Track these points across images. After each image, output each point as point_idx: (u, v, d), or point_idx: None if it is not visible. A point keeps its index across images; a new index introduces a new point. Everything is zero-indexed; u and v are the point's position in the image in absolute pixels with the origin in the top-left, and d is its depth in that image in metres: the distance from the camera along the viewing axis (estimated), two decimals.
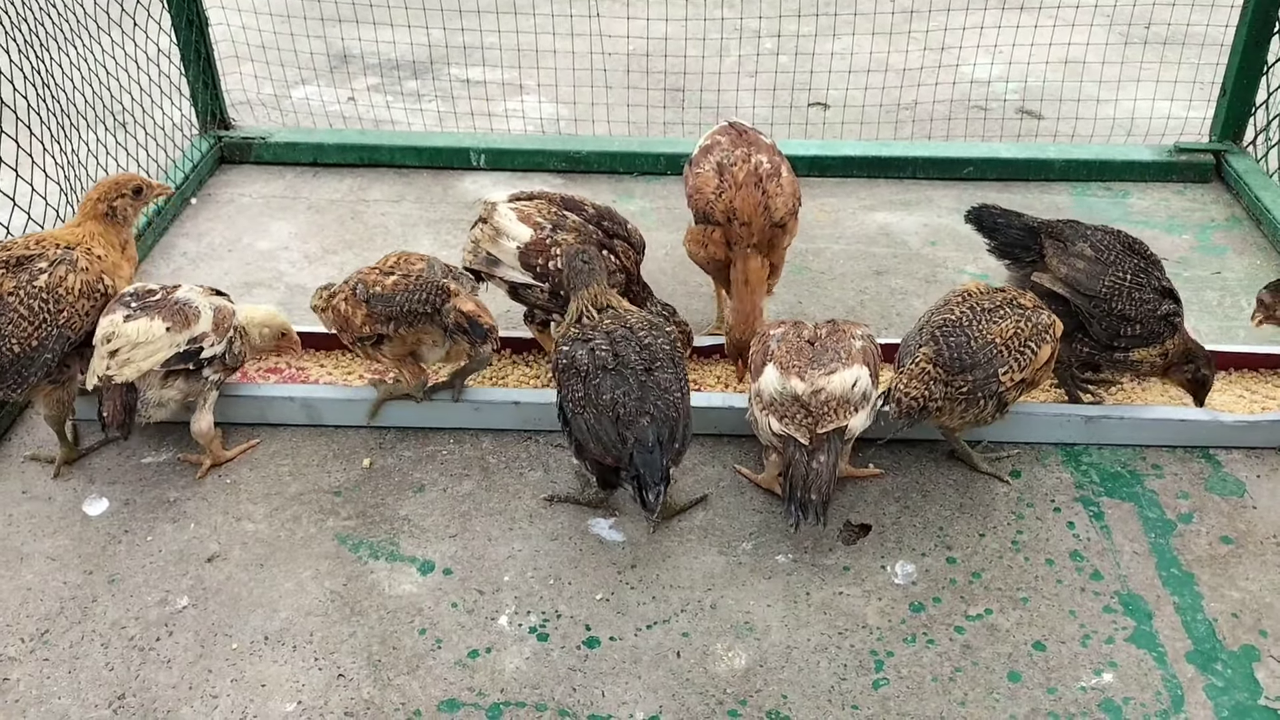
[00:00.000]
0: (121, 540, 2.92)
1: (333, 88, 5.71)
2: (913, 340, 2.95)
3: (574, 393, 2.76)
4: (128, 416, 2.87)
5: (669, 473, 2.72)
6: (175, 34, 4.64)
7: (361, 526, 2.96)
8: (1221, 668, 2.57)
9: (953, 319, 2.90)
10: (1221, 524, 2.95)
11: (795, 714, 2.47)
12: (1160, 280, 3.12)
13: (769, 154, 3.45)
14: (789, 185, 3.40)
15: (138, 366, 2.85)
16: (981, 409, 2.86)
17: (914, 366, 2.83)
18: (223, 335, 3.03)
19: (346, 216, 4.51)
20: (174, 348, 2.90)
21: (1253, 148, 4.68)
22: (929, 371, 2.81)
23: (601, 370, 2.75)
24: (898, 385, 2.81)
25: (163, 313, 2.92)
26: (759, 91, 5.26)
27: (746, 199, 3.30)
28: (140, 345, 2.86)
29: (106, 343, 2.86)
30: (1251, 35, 4.42)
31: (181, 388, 2.98)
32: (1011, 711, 2.47)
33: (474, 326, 2.95)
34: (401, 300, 2.96)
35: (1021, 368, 2.84)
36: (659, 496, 2.66)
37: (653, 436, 2.66)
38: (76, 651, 2.62)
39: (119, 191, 3.23)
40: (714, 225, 3.36)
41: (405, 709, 2.49)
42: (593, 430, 2.71)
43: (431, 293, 2.96)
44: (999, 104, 5.51)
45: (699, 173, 3.44)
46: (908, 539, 2.91)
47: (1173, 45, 5.34)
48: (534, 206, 3.33)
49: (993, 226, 3.26)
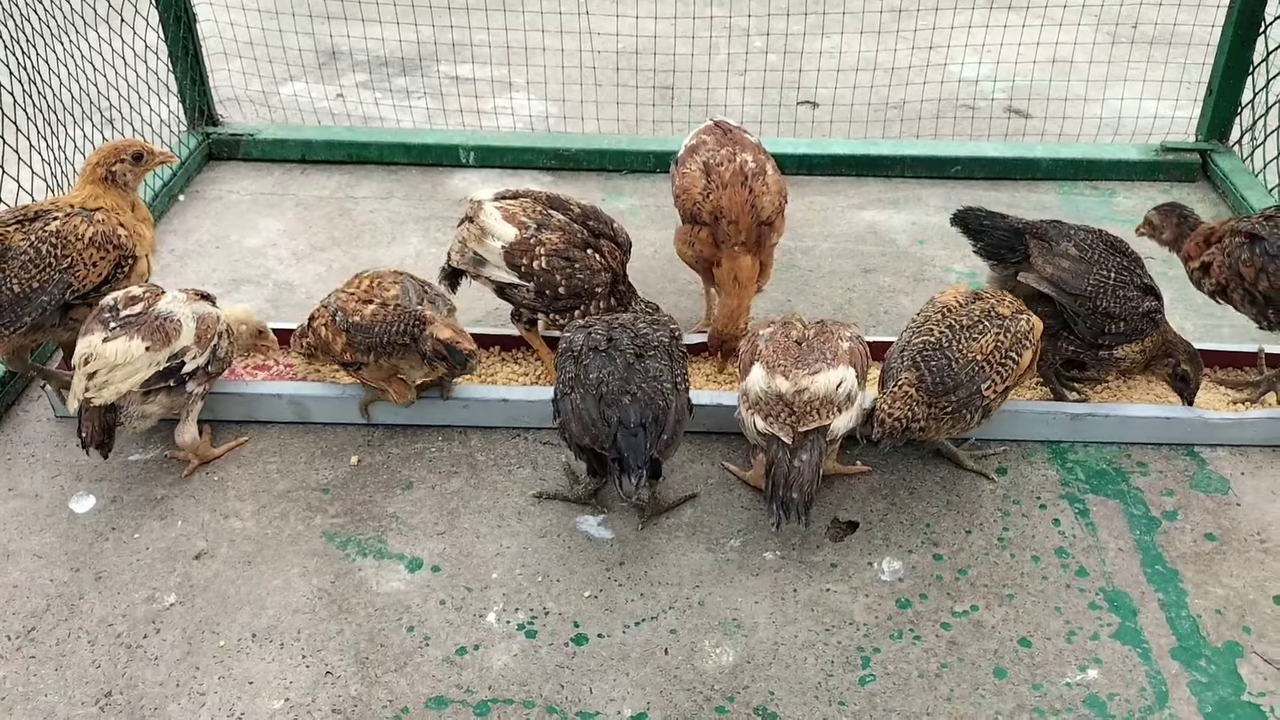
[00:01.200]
0: (109, 537, 2.92)
1: (321, 84, 5.70)
2: (895, 362, 2.96)
3: (565, 373, 2.81)
4: (106, 437, 2.88)
5: (655, 462, 2.72)
6: (163, 29, 4.62)
7: (349, 524, 2.96)
8: (1205, 664, 2.59)
9: (932, 341, 2.91)
10: (1206, 521, 2.97)
11: (782, 710, 2.48)
12: (1142, 277, 3.14)
13: (754, 152, 3.46)
14: (775, 183, 3.41)
15: (116, 389, 2.83)
16: (967, 421, 2.89)
17: (897, 389, 2.85)
18: (206, 345, 3.00)
19: (335, 213, 4.51)
20: (154, 367, 2.88)
21: (1238, 147, 4.71)
22: (912, 395, 2.83)
23: (592, 351, 2.80)
24: (881, 406, 2.83)
25: (142, 331, 2.89)
26: (748, 90, 5.27)
27: (733, 198, 3.31)
28: (119, 367, 2.83)
29: (85, 364, 2.84)
30: (1237, 35, 4.45)
31: (164, 402, 2.97)
32: (997, 707, 2.48)
33: (453, 353, 2.97)
34: (380, 332, 2.97)
35: (1004, 379, 2.87)
36: (639, 482, 2.66)
37: (635, 417, 2.67)
38: (63, 649, 2.62)
39: (118, 156, 3.23)
40: (701, 225, 3.36)
41: (393, 706, 2.49)
42: (577, 411, 2.72)
43: (408, 323, 2.97)
44: (987, 103, 5.53)
45: (685, 173, 3.44)
46: (895, 536, 2.92)
47: (1160, 45, 5.36)
48: (519, 205, 3.32)
49: (978, 228, 3.27)
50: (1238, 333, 3.73)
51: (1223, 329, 3.77)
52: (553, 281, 3.22)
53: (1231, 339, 3.70)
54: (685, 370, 2.89)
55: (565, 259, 3.22)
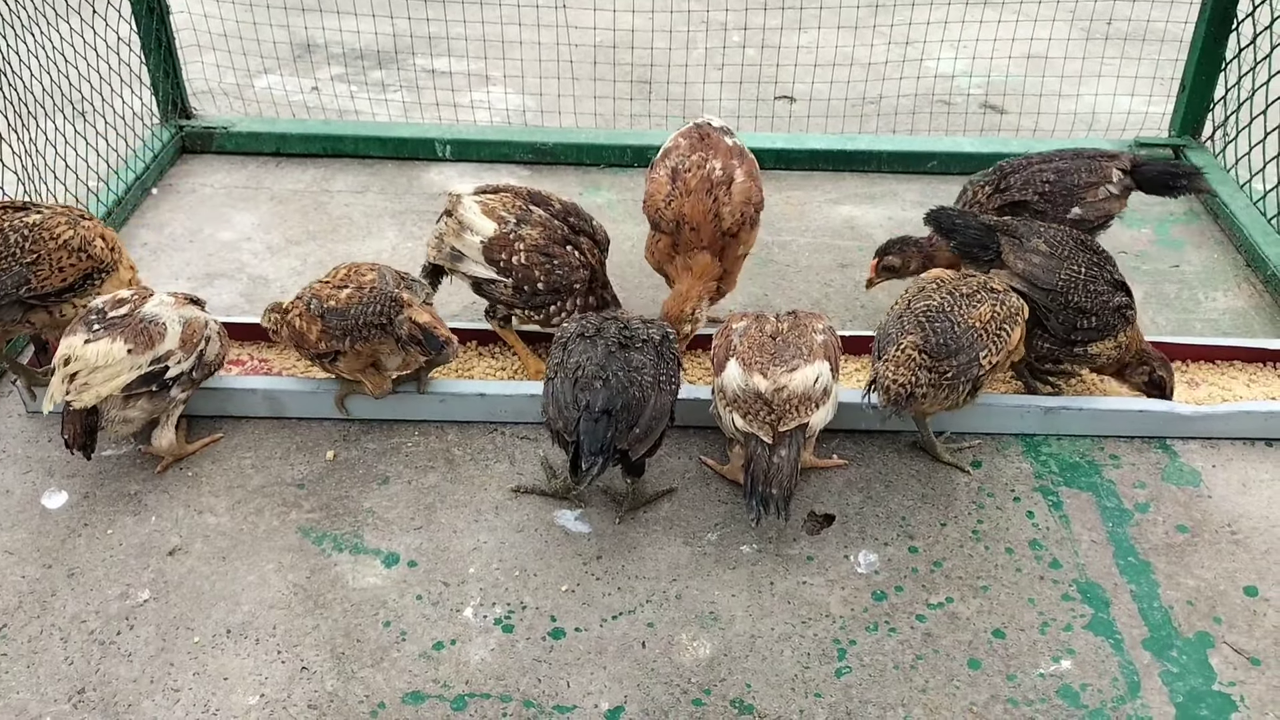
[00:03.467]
0: (81, 533, 2.89)
1: (296, 77, 5.65)
2: (893, 328, 2.94)
3: (553, 360, 2.82)
4: (89, 439, 2.87)
5: (626, 456, 2.70)
6: (135, 21, 4.57)
7: (325, 519, 2.95)
8: (1177, 654, 2.61)
9: (935, 305, 2.92)
10: (1178, 513, 3.00)
11: (759, 703, 2.49)
12: (1113, 274, 3.17)
13: (725, 158, 3.37)
14: (740, 193, 3.31)
15: (96, 392, 2.79)
16: (960, 394, 2.88)
17: (900, 354, 2.83)
18: (192, 350, 2.97)
19: (310, 207, 4.48)
20: (135, 370, 2.84)
21: (1211, 143, 4.75)
22: (915, 358, 2.82)
23: (579, 338, 2.81)
24: (884, 373, 2.81)
25: (125, 333, 2.85)
26: (726, 84, 5.27)
27: (696, 205, 3.27)
28: (99, 369, 2.80)
29: (65, 365, 2.80)
30: (1210, 32, 4.49)
31: (145, 407, 2.93)
32: (971, 698, 2.50)
33: (429, 338, 2.94)
34: (356, 313, 2.94)
35: (997, 350, 2.88)
36: (591, 469, 2.60)
37: (602, 401, 2.65)
38: (35, 646, 2.59)
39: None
40: (663, 234, 3.35)
41: (369, 701, 2.48)
42: (555, 395, 2.72)
43: (384, 304, 2.94)
44: (963, 98, 5.56)
45: (654, 178, 3.41)
46: (871, 529, 2.94)
47: (1133, 41, 5.40)
48: (499, 200, 3.29)
49: (950, 227, 3.29)
50: (1209, 327, 3.77)
51: (1195, 324, 3.81)
52: (531, 277, 3.20)
53: (1204, 333, 3.74)
54: (675, 373, 2.83)
55: (545, 255, 3.21)
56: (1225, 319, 3.83)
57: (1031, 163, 3.59)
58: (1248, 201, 4.35)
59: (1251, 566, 2.83)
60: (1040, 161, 3.58)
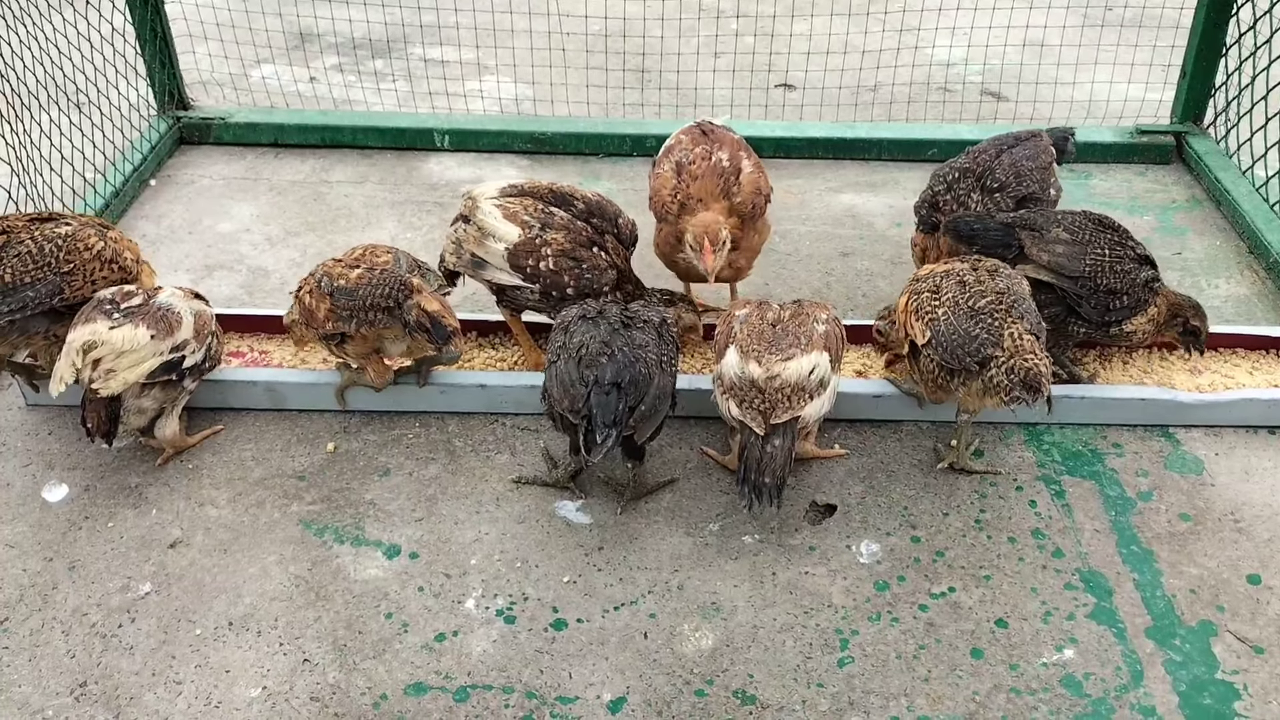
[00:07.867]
0: (82, 526, 2.89)
1: (293, 67, 5.63)
2: (977, 330, 2.77)
3: (554, 344, 2.81)
4: (112, 426, 2.84)
5: (631, 441, 2.70)
6: (130, 12, 4.54)
7: (326, 511, 2.94)
8: (1180, 643, 2.61)
9: (1003, 291, 2.87)
10: (1180, 501, 3.00)
11: (762, 693, 2.49)
12: (1135, 249, 3.16)
13: (732, 149, 3.39)
14: (749, 183, 3.33)
15: (123, 378, 2.79)
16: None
17: (1023, 342, 2.73)
18: (203, 342, 2.98)
19: (309, 198, 4.46)
20: (158, 356, 2.84)
21: (1213, 129, 4.73)
22: (1038, 344, 2.76)
23: (581, 319, 2.82)
24: (1024, 366, 2.69)
25: (146, 320, 2.86)
26: (724, 73, 5.25)
27: (704, 186, 3.28)
28: (126, 354, 2.80)
29: (85, 352, 2.78)
30: (1211, 18, 4.46)
31: (158, 396, 2.93)
32: (974, 688, 2.50)
33: (436, 326, 2.90)
34: (364, 294, 2.91)
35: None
36: (606, 441, 2.59)
37: (610, 374, 2.65)
38: (37, 639, 2.59)
39: None
40: (670, 225, 3.33)
41: (371, 693, 2.48)
42: (559, 375, 2.71)
43: (394, 287, 2.91)
44: (963, 86, 5.53)
45: (659, 174, 3.40)
46: (873, 519, 2.93)
47: (1134, 27, 5.38)
48: (520, 204, 3.18)
49: (970, 235, 3.23)
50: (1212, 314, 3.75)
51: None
52: (560, 283, 3.11)
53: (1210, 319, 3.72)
54: (674, 356, 2.85)
55: (573, 259, 3.11)
56: (1228, 306, 3.82)
57: (990, 153, 3.50)
58: (1250, 188, 4.34)
59: (1255, 555, 2.83)
60: (996, 152, 3.49)
